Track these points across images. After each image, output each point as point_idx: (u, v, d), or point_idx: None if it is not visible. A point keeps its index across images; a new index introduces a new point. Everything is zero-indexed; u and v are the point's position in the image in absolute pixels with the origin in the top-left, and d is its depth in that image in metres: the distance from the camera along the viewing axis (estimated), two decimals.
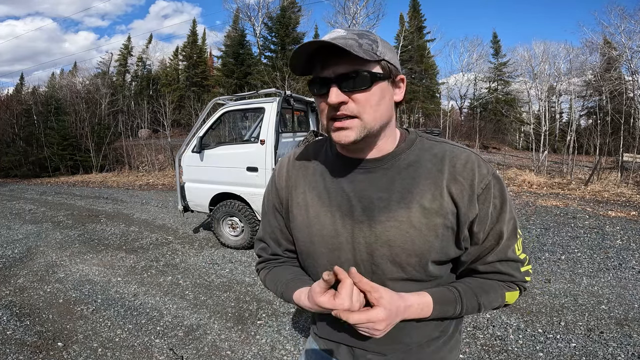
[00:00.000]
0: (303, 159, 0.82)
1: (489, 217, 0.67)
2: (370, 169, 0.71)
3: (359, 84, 0.62)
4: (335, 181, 0.74)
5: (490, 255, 0.71)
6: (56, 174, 16.53)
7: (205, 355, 2.31)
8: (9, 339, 2.51)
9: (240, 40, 26.51)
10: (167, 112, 17.76)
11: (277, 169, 0.86)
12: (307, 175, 0.78)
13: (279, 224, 0.83)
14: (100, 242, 4.87)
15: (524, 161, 14.84)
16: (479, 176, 0.66)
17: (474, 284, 0.72)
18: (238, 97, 4.88)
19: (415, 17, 26.99)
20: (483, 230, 0.68)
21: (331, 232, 0.72)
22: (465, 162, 0.67)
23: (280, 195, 0.82)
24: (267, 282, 0.85)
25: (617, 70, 15.41)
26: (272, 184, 0.85)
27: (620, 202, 6.63)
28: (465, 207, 0.66)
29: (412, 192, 0.67)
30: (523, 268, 0.73)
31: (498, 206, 0.68)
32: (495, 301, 0.73)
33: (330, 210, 0.73)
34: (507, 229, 0.69)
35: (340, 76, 0.62)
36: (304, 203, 0.76)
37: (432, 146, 0.71)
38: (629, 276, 3.39)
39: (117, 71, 34.36)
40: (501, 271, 0.72)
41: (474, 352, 2.27)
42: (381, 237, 0.68)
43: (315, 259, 0.77)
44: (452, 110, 29.17)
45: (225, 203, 4.33)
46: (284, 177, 0.82)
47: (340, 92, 0.62)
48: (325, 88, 0.63)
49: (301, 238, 0.78)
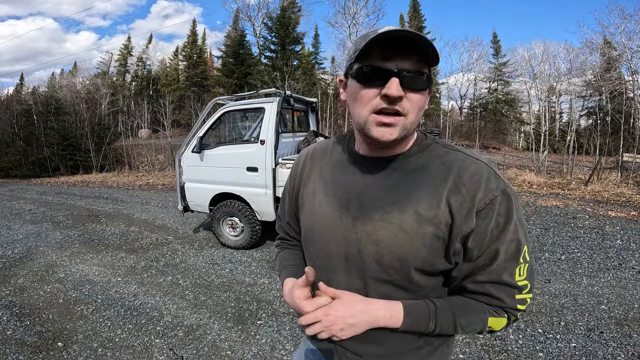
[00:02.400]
0: (322, 150, 0.85)
1: (488, 234, 0.64)
2: (378, 168, 0.72)
3: (419, 84, 0.62)
4: (343, 175, 0.76)
5: (482, 274, 0.67)
6: (56, 174, 16.54)
7: (205, 355, 2.31)
8: (9, 339, 2.51)
9: (240, 40, 26.51)
10: (167, 112, 17.77)
11: (297, 158, 0.90)
12: (321, 166, 0.82)
13: (290, 209, 0.90)
14: (100, 242, 4.87)
15: (524, 161, 14.83)
16: (484, 190, 0.63)
17: (456, 303, 0.69)
18: (238, 97, 4.88)
19: (415, 17, 27.00)
20: (479, 247, 0.65)
21: (329, 224, 0.74)
22: (473, 175, 0.65)
23: (294, 183, 0.87)
24: (277, 261, 0.93)
25: (617, 70, 15.41)
26: (291, 171, 0.91)
27: (620, 202, 6.63)
28: (460, 220, 0.64)
29: (410, 197, 0.67)
30: (519, 295, 0.68)
31: (501, 224, 0.64)
32: (476, 324, 0.69)
33: (331, 202, 0.75)
34: (505, 249, 0.65)
35: (403, 72, 0.60)
36: (313, 191, 0.80)
37: (445, 154, 0.70)
38: (629, 276, 3.39)
39: (117, 71, 34.37)
40: (491, 294, 0.68)
41: (474, 352, 2.27)
42: (371, 235, 0.68)
43: (311, 246, 0.80)
44: (452, 110, 29.19)
45: (225, 203, 4.33)
46: (300, 166, 0.86)
47: (400, 87, 0.60)
48: (383, 79, 0.60)
49: (305, 224, 0.82)
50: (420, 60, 0.61)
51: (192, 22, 33.30)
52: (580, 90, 20.48)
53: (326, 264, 0.75)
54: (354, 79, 0.65)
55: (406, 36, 0.58)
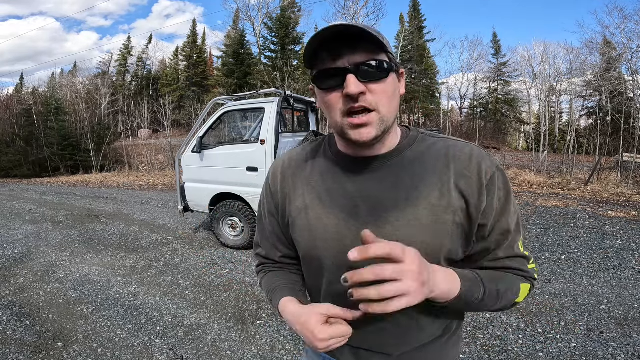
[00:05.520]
0: (299, 160, 0.78)
1: (494, 210, 0.66)
2: (374, 168, 0.69)
3: (377, 73, 0.59)
4: (337, 182, 0.71)
5: (500, 250, 0.68)
6: (56, 174, 16.56)
7: (205, 355, 2.31)
8: (9, 339, 2.51)
9: (240, 40, 26.53)
10: (167, 112, 17.78)
11: (271, 173, 0.82)
12: (305, 177, 0.75)
13: (274, 229, 0.81)
14: (100, 242, 4.87)
15: (524, 161, 14.82)
16: (485, 169, 0.66)
17: (488, 272, 0.69)
18: (238, 97, 4.88)
19: (415, 17, 27.00)
20: (489, 224, 0.66)
21: (335, 235, 0.69)
22: (470, 156, 0.67)
23: (276, 200, 0.79)
24: (263, 287, 0.84)
25: (617, 70, 15.42)
26: (266, 188, 0.82)
27: (620, 202, 6.63)
28: (475, 200, 0.65)
29: (419, 190, 0.66)
30: (530, 265, 0.71)
31: (503, 198, 0.66)
32: (511, 290, 0.68)
33: (333, 212, 0.70)
34: (512, 222, 0.67)
35: (357, 65, 0.58)
36: (303, 206, 0.73)
37: (434, 142, 0.70)
38: (629, 276, 3.39)
39: (117, 71, 34.38)
40: (511, 267, 0.69)
41: (474, 352, 2.27)
42: (391, 237, 0.64)
43: (321, 262, 0.73)
44: (452, 110, 29.21)
45: (225, 203, 4.33)
46: (279, 180, 0.78)
47: (359, 82, 0.58)
48: (339, 79, 0.59)
49: (303, 242, 0.74)
50: (371, 49, 0.59)
51: (192, 22, 33.36)
52: (580, 90, 20.51)
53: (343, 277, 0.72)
54: (316, 86, 0.64)
55: (341, 30, 0.56)
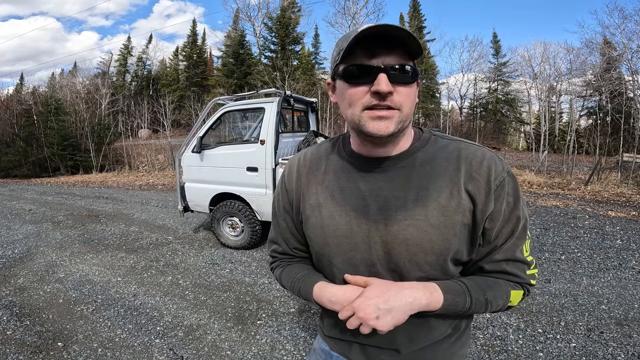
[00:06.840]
0: (315, 158, 0.80)
1: (502, 215, 0.67)
2: (386, 168, 0.71)
3: (407, 78, 0.63)
4: (350, 180, 0.73)
5: (498, 253, 0.70)
6: (56, 174, 16.55)
7: (205, 355, 2.31)
8: (9, 339, 2.51)
9: (240, 40, 26.54)
10: (167, 112, 17.78)
11: (286, 170, 0.84)
12: (320, 175, 0.77)
13: (289, 225, 0.83)
14: (100, 242, 4.87)
15: (524, 161, 14.82)
16: (495, 173, 0.67)
17: (478, 280, 0.71)
18: (238, 97, 4.88)
19: (415, 17, 26.98)
20: (495, 228, 0.68)
21: (346, 232, 0.72)
22: (482, 160, 0.68)
23: (291, 197, 0.81)
24: (282, 280, 0.85)
25: (617, 70, 15.41)
26: (282, 185, 0.84)
27: (620, 202, 6.63)
28: (482, 203, 0.66)
29: (429, 190, 0.67)
30: (529, 271, 0.72)
31: (511, 204, 0.68)
32: (500, 298, 0.70)
33: (345, 210, 0.72)
34: (517, 227, 0.69)
35: (389, 67, 0.61)
36: (317, 203, 0.75)
37: (447, 144, 0.72)
38: (629, 276, 3.39)
39: (117, 71, 34.34)
40: (507, 271, 0.71)
41: (474, 352, 2.27)
42: (398, 236, 0.68)
43: (330, 260, 0.76)
44: (452, 110, 29.19)
45: (225, 203, 4.33)
46: (294, 178, 0.81)
47: (389, 82, 0.61)
48: (370, 77, 0.62)
49: (315, 239, 0.76)
50: (404, 54, 0.62)
51: (193, 22, 33.34)
52: (580, 90, 20.50)
53: (353, 274, 0.74)
54: (342, 79, 0.65)
55: (387, 31, 0.59)
